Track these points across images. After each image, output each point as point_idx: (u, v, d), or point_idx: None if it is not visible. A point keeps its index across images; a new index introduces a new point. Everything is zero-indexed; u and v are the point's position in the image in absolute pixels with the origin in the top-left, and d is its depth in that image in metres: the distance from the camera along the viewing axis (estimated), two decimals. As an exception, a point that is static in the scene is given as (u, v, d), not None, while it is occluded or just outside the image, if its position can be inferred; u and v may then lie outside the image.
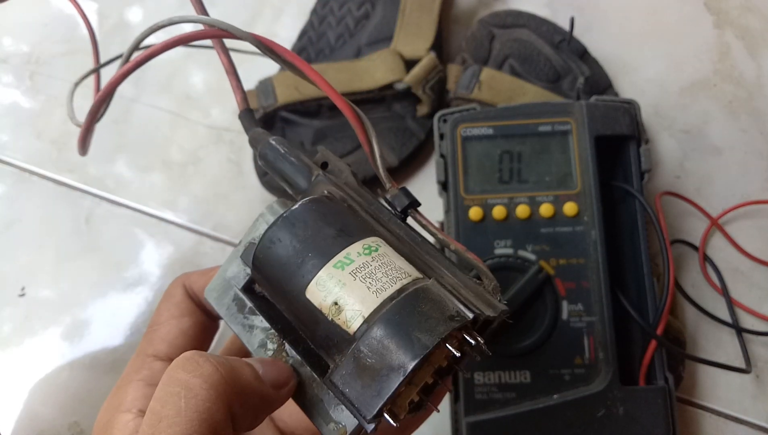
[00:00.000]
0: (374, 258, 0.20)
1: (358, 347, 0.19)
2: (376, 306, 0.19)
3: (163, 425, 0.18)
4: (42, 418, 0.44)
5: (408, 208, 0.23)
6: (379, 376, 0.18)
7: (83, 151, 0.28)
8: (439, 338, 0.18)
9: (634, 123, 0.39)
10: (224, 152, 0.51)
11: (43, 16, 0.59)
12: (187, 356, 0.19)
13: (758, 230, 0.45)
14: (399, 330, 0.18)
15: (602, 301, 0.36)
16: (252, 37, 0.22)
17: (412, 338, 0.18)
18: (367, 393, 0.18)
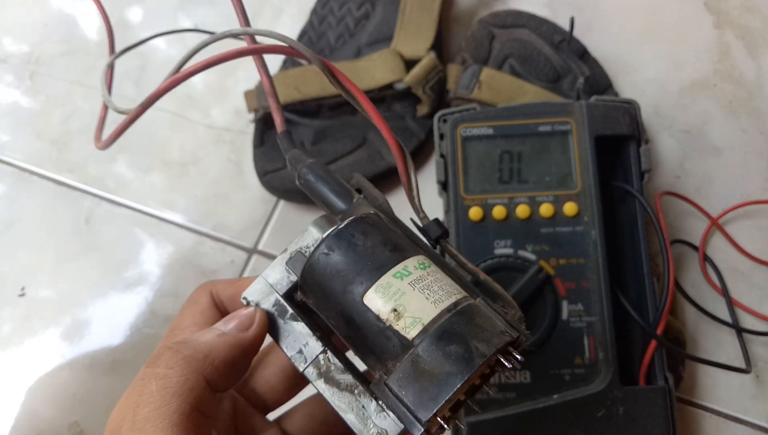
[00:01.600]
0: (429, 273, 0.21)
1: (417, 352, 0.19)
2: (435, 315, 0.20)
3: (140, 409, 0.20)
4: (42, 418, 0.44)
5: (440, 238, 0.24)
6: (438, 380, 0.19)
7: (102, 146, 0.28)
8: (495, 348, 0.19)
9: (634, 123, 0.39)
10: (224, 152, 0.51)
11: (43, 16, 0.59)
12: (153, 354, 0.21)
13: (758, 230, 0.45)
14: (458, 338, 0.19)
15: (602, 301, 0.36)
16: (319, 60, 0.23)
17: (471, 346, 0.19)
18: (424, 397, 0.19)
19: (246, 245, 0.48)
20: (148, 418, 0.20)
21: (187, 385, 0.20)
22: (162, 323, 0.46)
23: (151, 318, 0.46)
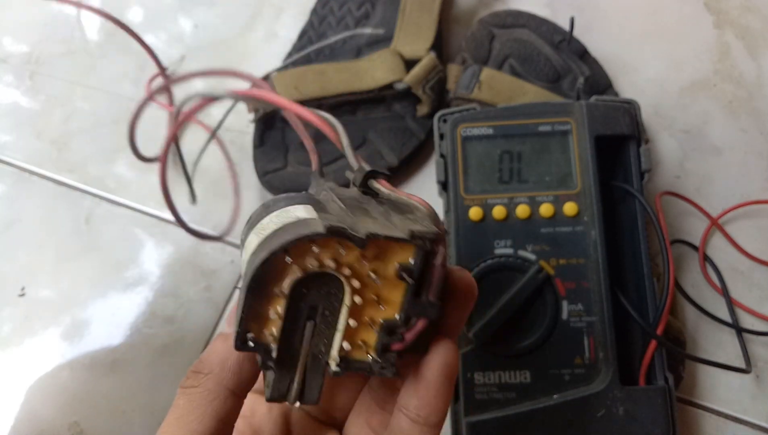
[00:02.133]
0: (277, 215, 0.21)
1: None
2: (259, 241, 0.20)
3: (166, 419, 0.22)
4: (42, 418, 0.44)
5: (366, 180, 0.23)
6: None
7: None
8: (270, 251, 0.18)
9: (634, 123, 0.39)
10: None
11: (43, 16, 0.59)
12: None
13: (758, 230, 0.45)
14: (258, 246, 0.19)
15: (602, 301, 0.36)
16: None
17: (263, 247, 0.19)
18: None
19: (246, 245, 0.48)
20: (170, 423, 0.22)
21: (210, 396, 0.21)
22: (162, 323, 0.46)
23: (151, 318, 0.46)
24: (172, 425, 0.22)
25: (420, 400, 0.21)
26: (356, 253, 0.18)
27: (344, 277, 0.19)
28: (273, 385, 0.20)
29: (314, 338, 0.20)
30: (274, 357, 0.19)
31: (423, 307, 0.19)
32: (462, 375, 0.36)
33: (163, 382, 0.44)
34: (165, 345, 0.45)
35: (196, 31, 0.57)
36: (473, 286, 0.22)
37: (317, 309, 0.19)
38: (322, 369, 0.20)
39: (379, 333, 0.19)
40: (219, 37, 0.56)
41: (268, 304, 0.19)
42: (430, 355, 0.21)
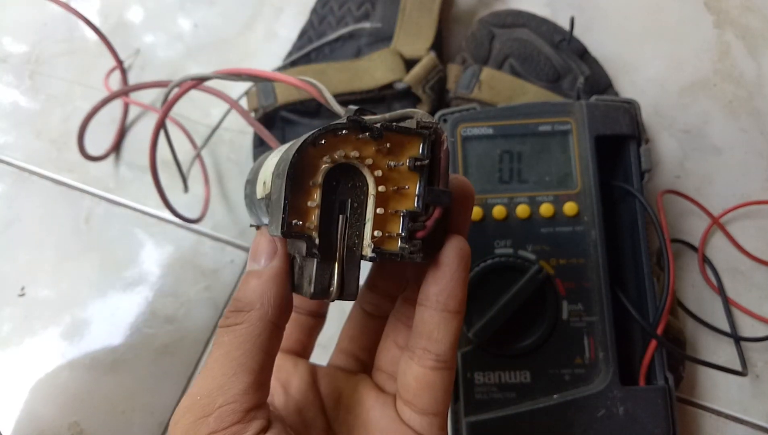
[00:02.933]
0: (290, 143, 0.23)
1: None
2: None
3: (212, 355, 0.22)
4: (42, 418, 0.44)
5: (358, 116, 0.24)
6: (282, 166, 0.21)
7: None
8: (303, 140, 0.20)
9: (634, 123, 0.39)
10: (224, 152, 0.51)
11: (43, 15, 0.59)
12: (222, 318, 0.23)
13: (758, 230, 0.45)
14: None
15: (602, 301, 0.36)
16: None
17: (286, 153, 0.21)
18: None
19: (246, 245, 0.48)
20: (216, 359, 0.22)
21: (255, 331, 0.22)
22: (162, 323, 0.46)
23: (151, 318, 0.46)
24: (219, 361, 0.22)
25: (438, 285, 0.23)
26: (373, 148, 0.21)
27: (367, 168, 0.21)
28: (315, 279, 0.21)
29: (348, 230, 0.21)
30: (317, 244, 0.21)
31: (437, 195, 0.22)
32: (462, 375, 0.36)
33: (163, 382, 0.44)
34: (165, 345, 0.45)
35: (196, 30, 0.57)
36: (469, 185, 0.24)
37: (346, 204, 0.21)
38: (357, 261, 0.21)
39: (403, 220, 0.21)
40: (219, 37, 0.56)
41: (306, 196, 0.20)
42: (445, 245, 0.23)
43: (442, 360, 0.23)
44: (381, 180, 0.21)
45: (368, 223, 0.21)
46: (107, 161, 0.52)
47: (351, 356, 0.29)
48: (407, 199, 0.22)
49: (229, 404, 0.21)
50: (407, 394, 0.24)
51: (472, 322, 0.36)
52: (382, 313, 0.29)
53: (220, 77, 0.27)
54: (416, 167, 0.21)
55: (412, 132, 0.21)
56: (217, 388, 0.22)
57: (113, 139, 0.52)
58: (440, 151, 0.22)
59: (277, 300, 0.22)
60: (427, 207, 0.22)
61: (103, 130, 0.52)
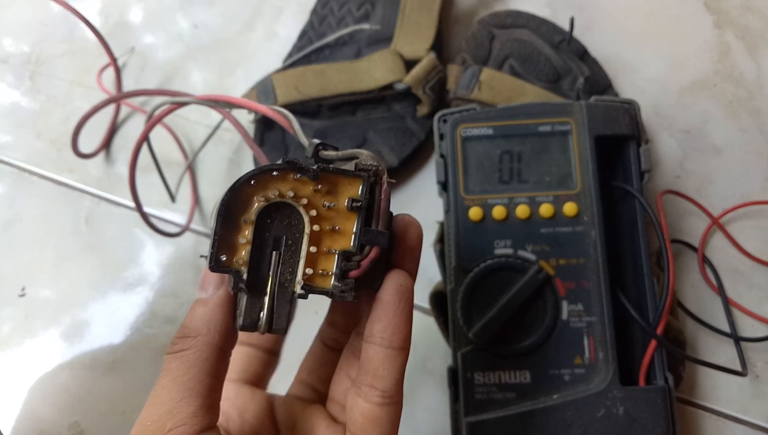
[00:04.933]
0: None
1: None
2: None
3: (160, 381, 0.23)
4: (42, 418, 0.44)
5: (317, 150, 0.24)
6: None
7: None
8: (236, 179, 0.21)
9: (634, 123, 0.39)
10: (224, 152, 0.51)
11: (43, 16, 0.59)
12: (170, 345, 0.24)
13: (759, 230, 0.45)
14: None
15: (602, 301, 0.36)
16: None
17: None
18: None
19: (246, 245, 0.48)
20: (164, 385, 0.23)
21: (202, 356, 0.23)
22: (162, 323, 0.46)
23: (151, 318, 0.46)
24: (167, 387, 0.22)
25: (381, 322, 0.23)
26: (311, 187, 0.21)
27: (302, 207, 0.22)
28: (245, 312, 0.22)
29: (280, 267, 0.22)
30: (245, 279, 0.21)
31: (374, 236, 0.22)
32: (462, 375, 0.36)
33: (163, 382, 0.44)
34: (165, 345, 0.45)
35: (195, 31, 0.57)
36: (416, 225, 0.24)
37: (281, 241, 0.22)
38: (289, 296, 0.22)
39: (337, 260, 0.22)
40: (219, 37, 0.56)
41: (237, 232, 0.21)
42: (384, 282, 0.23)
43: (387, 396, 0.23)
44: (316, 219, 0.22)
45: (301, 261, 0.22)
46: (108, 161, 0.52)
47: (309, 387, 0.30)
48: (344, 238, 0.22)
49: (179, 427, 0.22)
50: (355, 428, 0.24)
51: (472, 322, 0.36)
52: (340, 346, 0.29)
53: (198, 103, 0.28)
54: (353, 208, 0.22)
55: (350, 174, 0.22)
56: (166, 412, 0.22)
57: (103, 137, 0.52)
58: (381, 192, 0.22)
59: (222, 326, 0.23)
60: (362, 247, 0.22)
61: (95, 128, 0.52)
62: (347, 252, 0.22)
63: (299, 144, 0.48)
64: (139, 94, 0.46)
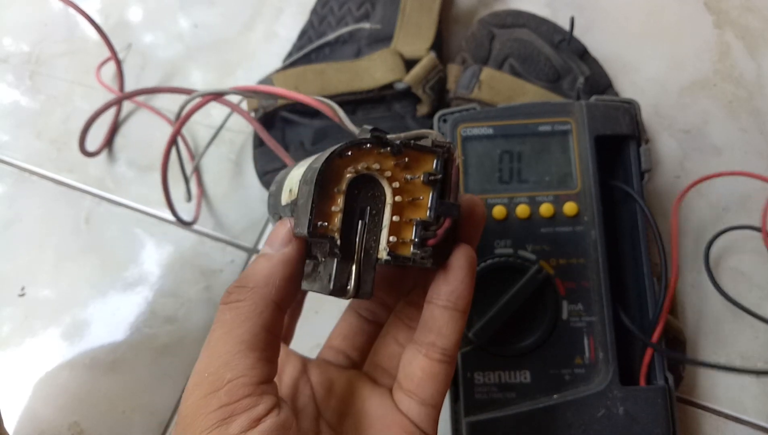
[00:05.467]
0: (316, 156, 0.25)
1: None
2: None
3: (214, 333, 0.23)
4: (42, 418, 0.44)
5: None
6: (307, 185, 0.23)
7: None
8: (331, 151, 0.22)
9: (634, 123, 0.39)
10: (224, 152, 0.51)
11: (43, 16, 0.59)
12: (224, 294, 0.24)
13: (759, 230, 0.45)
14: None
15: (602, 301, 0.36)
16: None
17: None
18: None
19: (246, 245, 0.48)
20: (219, 337, 0.23)
21: (257, 310, 0.23)
22: (162, 323, 0.46)
23: (151, 318, 0.46)
24: (221, 339, 0.22)
25: (448, 286, 0.25)
26: (392, 162, 0.23)
27: (386, 179, 0.23)
28: (335, 277, 0.23)
29: (366, 235, 0.23)
30: (339, 245, 0.22)
31: (447, 207, 0.24)
32: (462, 375, 0.36)
33: (163, 382, 0.44)
34: (165, 345, 0.45)
35: (195, 30, 0.57)
36: (479, 203, 0.26)
37: (365, 211, 0.23)
38: (373, 263, 0.23)
39: (416, 228, 0.24)
40: (219, 37, 0.56)
41: (330, 201, 0.23)
42: (455, 251, 0.25)
43: (447, 354, 0.25)
44: (398, 191, 0.23)
45: (384, 230, 0.23)
46: (108, 161, 0.52)
47: (341, 353, 0.30)
48: (420, 209, 0.24)
49: (238, 378, 0.22)
50: (410, 384, 0.26)
51: (472, 322, 0.36)
52: (376, 318, 0.31)
53: (237, 93, 0.28)
54: (429, 181, 0.23)
55: (427, 149, 0.24)
56: (223, 364, 0.22)
57: (105, 136, 0.52)
58: (452, 168, 0.24)
59: (282, 282, 0.23)
60: (437, 218, 0.24)
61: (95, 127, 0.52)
62: (425, 221, 0.23)
63: (299, 143, 0.48)
64: (155, 91, 0.46)
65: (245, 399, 0.21)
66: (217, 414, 0.21)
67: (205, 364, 0.22)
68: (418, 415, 0.25)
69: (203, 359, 0.23)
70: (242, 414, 0.21)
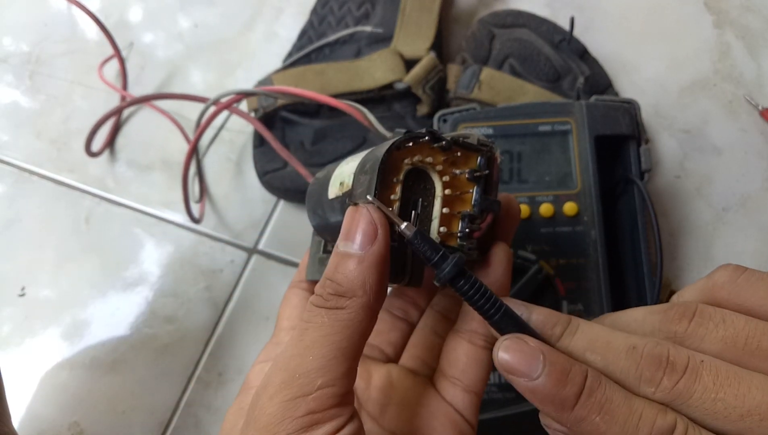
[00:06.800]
0: (368, 150, 0.26)
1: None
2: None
3: (308, 332, 0.22)
4: (42, 418, 0.44)
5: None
6: (369, 174, 0.23)
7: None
8: (391, 142, 0.23)
9: (634, 123, 0.39)
10: (224, 152, 0.51)
11: (43, 15, 0.59)
12: (315, 297, 0.23)
13: (759, 230, 0.45)
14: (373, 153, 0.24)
15: (602, 301, 0.36)
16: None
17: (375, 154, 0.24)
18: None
19: (246, 245, 0.48)
20: (317, 340, 0.22)
21: (357, 318, 0.22)
22: (162, 323, 0.46)
23: (151, 318, 0.46)
24: (318, 342, 0.22)
25: (489, 278, 0.26)
26: (442, 157, 0.24)
27: (437, 173, 0.24)
28: (392, 265, 0.23)
29: (418, 225, 0.24)
30: (397, 233, 0.23)
31: (490, 203, 0.25)
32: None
33: (163, 382, 0.44)
34: (165, 345, 0.45)
35: (196, 30, 0.57)
36: (515, 202, 0.28)
37: (418, 202, 0.24)
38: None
39: (463, 221, 0.24)
40: (219, 37, 0.56)
41: (389, 190, 0.23)
42: (495, 247, 0.26)
43: (489, 342, 0.26)
44: (447, 184, 0.24)
45: (435, 220, 0.24)
46: (108, 161, 0.52)
47: (376, 349, 0.31)
48: (466, 203, 0.25)
49: (330, 387, 0.21)
50: (455, 370, 0.27)
51: (472, 322, 0.36)
52: (407, 316, 0.31)
53: (263, 93, 0.28)
54: (474, 178, 0.24)
55: (473, 147, 0.25)
56: (316, 368, 0.21)
57: (107, 136, 0.52)
58: (494, 166, 0.25)
59: (377, 286, 0.22)
60: (481, 212, 0.25)
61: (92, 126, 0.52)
62: (471, 215, 0.24)
63: (299, 143, 0.48)
64: (167, 97, 0.46)
65: (332, 409, 0.21)
66: (303, 420, 0.21)
67: (298, 364, 0.21)
68: (462, 402, 0.26)
69: (295, 356, 0.22)
70: (326, 424, 0.21)
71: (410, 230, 0.22)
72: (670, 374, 0.20)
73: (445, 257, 0.22)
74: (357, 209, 0.23)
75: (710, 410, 0.19)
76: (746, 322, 0.21)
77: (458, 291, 0.22)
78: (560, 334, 0.23)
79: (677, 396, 0.20)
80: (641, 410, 0.20)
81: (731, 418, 0.19)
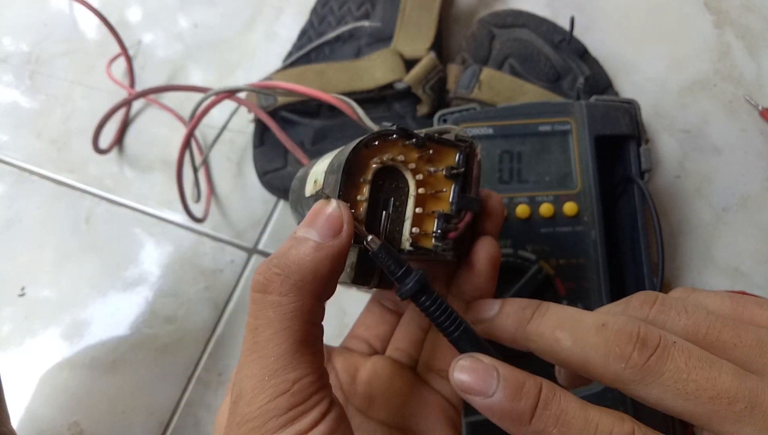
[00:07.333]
0: (340, 149, 0.25)
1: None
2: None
3: (260, 331, 0.21)
4: (42, 418, 0.44)
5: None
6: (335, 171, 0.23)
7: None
8: (358, 141, 0.22)
9: (634, 123, 0.39)
10: (224, 152, 0.51)
11: (43, 15, 0.59)
12: (259, 280, 0.22)
13: (759, 230, 0.45)
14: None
15: (602, 301, 0.36)
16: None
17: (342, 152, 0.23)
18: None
19: (246, 245, 0.48)
20: (269, 338, 0.21)
21: (303, 307, 0.21)
22: (162, 323, 0.46)
23: (151, 318, 0.46)
24: (272, 340, 0.21)
25: (471, 285, 0.25)
26: (416, 154, 0.23)
27: (410, 171, 0.23)
28: (358, 267, 0.23)
29: (389, 225, 0.23)
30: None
31: (468, 201, 0.24)
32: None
33: (163, 382, 0.44)
34: (165, 345, 0.45)
35: (195, 30, 0.57)
36: (499, 198, 0.26)
37: (389, 202, 0.23)
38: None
39: (438, 220, 0.24)
40: (219, 37, 0.56)
41: (356, 191, 0.23)
42: (475, 247, 0.25)
43: None
44: (421, 183, 0.23)
45: (407, 221, 0.24)
46: (108, 161, 0.52)
47: (364, 342, 0.31)
48: (442, 202, 0.24)
49: (304, 378, 0.21)
50: (441, 362, 0.27)
51: (472, 322, 0.36)
52: (399, 308, 0.31)
53: (252, 90, 0.28)
54: (452, 175, 0.24)
55: (450, 144, 0.24)
56: (283, 366, 0.21)
57: (115, 133, 0.52)
58: (473, 163, 0.24)
59: (329, 276, 0.22)
60: (459, 211, 0.24)
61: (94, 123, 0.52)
62: (447, 214, 0.24)
63: (299, 143, 0.48)
64: (169, 89, 0.45)
65: (313, 396, 0.21)
66: (289, 415, 0.21)
67: (260, 367, 0.21)
68: (450, 390, 0.26)
69: (255, 362, 0.21)
70: (312, 411, 0.21)
71: (375, 244, 0.22)
72: (641, 350, 0.20)
73: (408, 272, 0.21)
74: (327, 202, 0.22)
75: (682, 390, 0.20)
76: (707, 314, 0.21)
77: (419, 306, 0.22)
78: (530, 315, 0.23)
79: (648, 373, 0.20)
80: (597, 420, 0.20)
81: (701, 399, 0.19)
